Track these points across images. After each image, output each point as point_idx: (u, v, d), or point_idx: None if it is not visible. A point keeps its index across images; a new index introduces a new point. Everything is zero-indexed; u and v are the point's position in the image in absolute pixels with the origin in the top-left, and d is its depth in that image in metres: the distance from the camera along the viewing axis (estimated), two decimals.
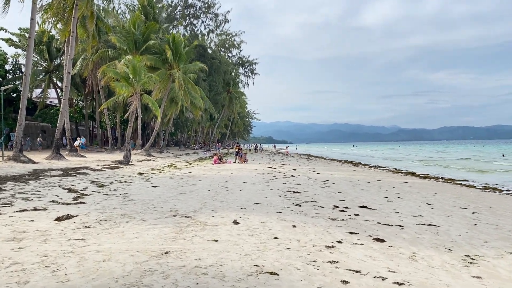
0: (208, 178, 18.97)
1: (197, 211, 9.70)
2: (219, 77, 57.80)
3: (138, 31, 36.55)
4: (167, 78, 36.78)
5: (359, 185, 17.89)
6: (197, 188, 14.82)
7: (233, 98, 69.27)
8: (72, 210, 9.44)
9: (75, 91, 45.05)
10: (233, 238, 7.01)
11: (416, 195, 14.92)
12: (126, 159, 25.31)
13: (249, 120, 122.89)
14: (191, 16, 57.55)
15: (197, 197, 12.23)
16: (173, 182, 16.83)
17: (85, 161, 25.19)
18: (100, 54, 36.81)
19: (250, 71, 73.53)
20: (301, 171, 25.77)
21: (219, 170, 24.73)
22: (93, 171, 18.99)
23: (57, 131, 25.79)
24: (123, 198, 11.77)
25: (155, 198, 11.90)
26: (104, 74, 32.13)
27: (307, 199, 12.45)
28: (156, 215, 9.06)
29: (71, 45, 26.11)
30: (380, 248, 6.69)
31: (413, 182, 21.46)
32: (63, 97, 26.90)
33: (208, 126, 73.51)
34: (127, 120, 39.17)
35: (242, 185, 15.98)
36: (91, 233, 7.18)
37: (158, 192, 13.24)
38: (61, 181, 14.60)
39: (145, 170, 21.91)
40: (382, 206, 11.59)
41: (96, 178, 16.55)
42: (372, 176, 24.12)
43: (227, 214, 9.33)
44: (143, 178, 17.90)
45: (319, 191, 14.69)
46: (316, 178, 20.74)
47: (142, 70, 26.43)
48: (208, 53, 56.12)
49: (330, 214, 9.88)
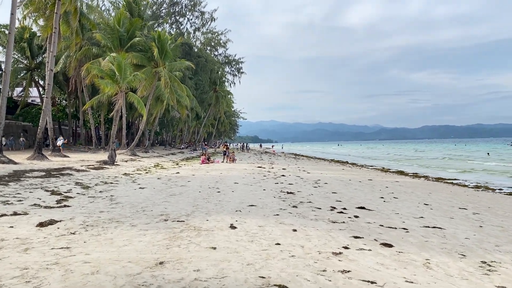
0: (197, 178, 18.41)
1: (190, 215, 9.17)
2: (205, 76, 57.08)
3: (123, 28, 35.70)
4: (152, 76, 36.01)
5: (351, 184, 17.53)
6: (187, 189, 14.26)
7: (220, 97, 68.53)
8: (56, 214, 8.82)
9: (58, 89, 43.84)
10: (232, 245, 6.50)
11: (411, 195, 14.61)
12: (111, 159, 24.56)
13: (235, 119, 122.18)
14: (176, 14, 56.70)
15: (188, 199, 11.69)
16: (161, 183, 16.23)
17: (68, 161, 24.38)
18: (83, 51, 35.82)
19: (236, 70, 72.89)
20: (291, 171, 25.35)
21: (207, 170, 24.17)
22: (77, 172, 18.28)
23: (39, 130, 24.89)
24: (110, 200, 11.17)
25: (143, 200, 11.32)
26: (88, 71, 31.26)
27: (302, 200, 12.00)
28: (146, 220, 8.50)
29: (54, 42, 25.21)
30: (390, 254, 6.26)
31: (404, 181, 21.21)
32: (45, 95, 25.98)
33: (194, 125, 72.70)
34: (111, 119, 38.29)
35: (233, 186, 15.46)
36: (77, 240, 6.60)
37: (146, 194, 12.65)
38: (44, 183, 13.90)
39: (131, 171, 21.24)
40: (380, 207, 11.21)
41: (80, 179, 15.87)
42: (362, 175, 23.83)
43: (222, 218, 8.82)
44: (129, 179, 17.26)
45: (313, 191, 14.27)
46: (307, 177, 20.34)
47: (128, 68, 25.71)
48: (194, 51, 55.37)
49: (329, 216, 9.44)
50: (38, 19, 29.43)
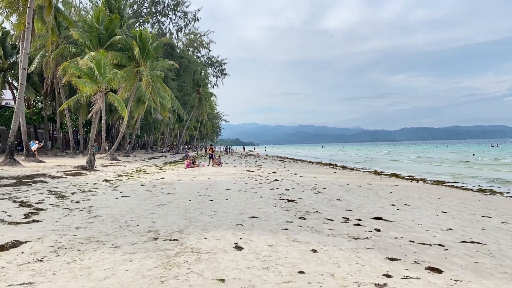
0: (184, 184, 16.92)
1: (184, 231, 7.75)
2: (188, 77, 55.42)
3: (102, 26, 33.89)
4: (134, 76, 34.26)
5: (352, 190, 16.29)
6: (175, 197, 12.79)
7: (203, 99, 66.85)
8: (22, 233, 7.31)
9: (33, 91, 41.57)
10: (244, 274, 5.12)
11: (421, 201, 13.43)
12: (90, 164, 22.87)
13: (217, 122, 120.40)
14: (158, 13, 54.88)
15: (178, 210, 10.24)
16: (146, 190, 14.71)
17: (43, 167, 22.58)
18: (60, 50, 33.83)
19: (219, 71, 71.43)
20: (282, 174, 24.04)
21: (194, 174, 22.67)
22: (52, 179, 16.60)
23: (11, 134, 23.04)
24: (88, 213, 9.65)
25: (127, 212, 9.84)
26: (65, 71, 29.39)
27: (307, 209, 10.68)
28: (132, 238, 7.06)
29: (27, 38, 23.39)
30: (446, 284, 4.96)
31: (404, 185, 20.09)
32: (18, 95, 24.13)
33: (177, 128, 70.82)
34: (90, 122, 36.39)
35: (226, 193, 14.05)
36: (44, 271, 5.14)
37: (129, 204, 11.15)
38: (12, 192, 12.27)
39: (112, 177, 19.62)
40: (396, 216, 9.96)
41: (55, 187, 14.25)
42: (358, 179, 22.67)
43: (223, 234, 7.43)
44: (110, 186, 15.68)
45: (315, 198, 12.96)
46: (302, 182, 19.05)
47: (107, 66, 24.02)
48: (177, 52, 53.70)
49: (346, 229, 8.13)
50: (10, 15, 27.54)
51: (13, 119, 23.01)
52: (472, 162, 47.04)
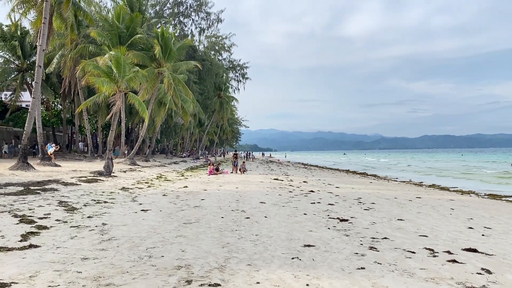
0: (211, 195, 14.97)
1: (225, 267, 5.74)
2: (210, 80, 53.74)
3: (123, 24, 32.40)
4: (155, 77, 32.57)
5: (405, 205, 14.08)
6: (204, 212, 10.83)
7: (224, 103, 65.07)
8: (10, 266, 5.44)
9: (52, 92, 40.26)
10: None
11: (499, 222, 11.15)
12: (107, 170, 21.15)
13: (237, 127, 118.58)
14: (181, 14, 53.42)
15: (211, 232, 8.26)
16: (169, 202, 12.80)
17: (58, 171, 20.96)
18: (79, 49, 32.42)
19: (241, 75, 69.62)
20: (315, 185, 21.93)
21: (219, 183, 20.73)
22: (65, 186, 14.86)
23: (24, 136, 21.49)
24: (100, 233, 7.75)
25: (148, 234, 7.90)
26: (84, 72, 27.85)
27: (370, 233, 8.57)
28: (156, 280, 5.09)
29: (43, 34, 21.88)
30: None
31: (459, 199, 17.71)
32: (33, 95, 22.59)
33: (197, 132, 69.20)
34: (109, 125, 34.89)
35: (262, 208, 12.02)
36: None
37: (151, 222, 9.22)
38: (16, 203, 10.49)
39: (131, 184, 17.82)
40: (490, 246, 7.76)
41: (66, 196, 12.46)
42: (400, 191, 20.40)
43: (280, 276, 5.39)
44: (128, 195, 13.83)
45: (369, 217, 10.82)
46: (342, 194, 16.90)
47: (127, 65, 22.32)
48: (199, 54, 52.15)
49: (442, 269, 5.99)
50: (28, 11, 26.15)
51: (27, 120, 21.48)
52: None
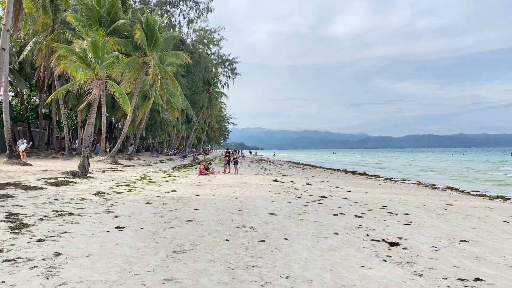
0: (206, 203, 12.14)
1: None
2: (199, 74, 50.70)
3: (103, 8, 29.29)
4: (139, 67, 29.51)
5: (445, 215, 11.45)
6: (201, 231, 8.04)
7: (213, 99, 61.99)
8: None
9: (26, 83, 36.73)
10: None
11: None
12: (83, 170, 18.19)
13: (225, 125, 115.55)
14: (168, 4, 50.22)
15: (215, 269, 5.48)
16: (153, 213, 9.97)
17: (25, 171, 17.93)
18: (55, 36, 29.15)
19: (230, 70, 66.55)
20: (321, 187, 19.25)
21: (212, 186, 17.92)
22: (25, 191, 11.94)
23: None
24: (44, 277, 4.93)
25: (119, 276, 5.09)
26: (59, 59, 24.69)
27: (445, 268, 5.89)
28: None
29: (7, 11, 18.79)
30: None
31: (497, 206, 15.13)
32: None
33: (184, 129, 66.01)
34: None
35: (274, 222, 9.26)
36: None
37: (126, 249, 6.41)
38: None
39: (108, 187, 14.92)
40: None
41: (21, 206, 9.60)
42: (425, 196, 17.82)
43: None
44: (102, 204, 10.96)
45: (421, 237, 8.15)
46: (360, 200, 14.24)
47: (106, 49, 19.31)
48: (187, 46, 49.09)
49: None
50: None
51: None
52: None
